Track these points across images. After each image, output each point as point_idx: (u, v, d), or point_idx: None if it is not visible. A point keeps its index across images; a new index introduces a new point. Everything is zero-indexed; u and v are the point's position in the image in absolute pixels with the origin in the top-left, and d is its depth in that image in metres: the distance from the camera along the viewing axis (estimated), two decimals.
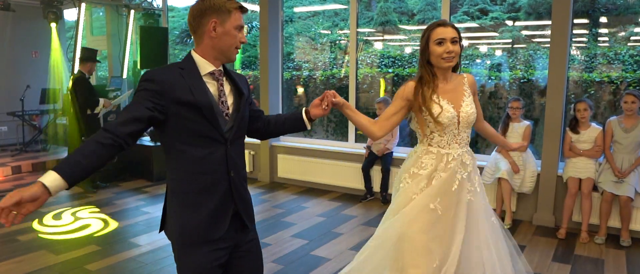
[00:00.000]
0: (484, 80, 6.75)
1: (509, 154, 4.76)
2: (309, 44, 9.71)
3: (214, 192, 1.76)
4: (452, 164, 2.23)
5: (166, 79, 1.69)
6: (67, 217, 5.05)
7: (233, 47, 1.80)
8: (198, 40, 1.79)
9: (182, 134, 1.72)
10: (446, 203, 2.22)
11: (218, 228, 1.78)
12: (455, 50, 2.18)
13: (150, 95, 1.66)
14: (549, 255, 3.99)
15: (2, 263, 3.84)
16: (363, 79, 7.45)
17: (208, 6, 1.73)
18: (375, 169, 5.65)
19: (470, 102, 2.28)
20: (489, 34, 8.07)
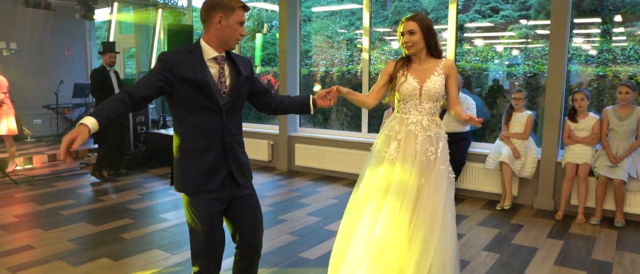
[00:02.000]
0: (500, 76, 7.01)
1: (510, 141, 5.07)
2: (327, 42, 10.07)
3: (209, 153, 2.20)
4: (411, 127, 2.67)
5: (175, 60, 2.12)
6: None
7: (234, 38, 2.21)
8: (206, 29, 2.21)
9: (184, 104, 2.16)
10: (403, 153, 2.65)
11: (212, 182, 2.21)
12: (411, 40, 2.63)
13: (162, 70, 2.10)
14: (544, 232, 4.30)
15: (49, 231, 4.31)
16: (377, 75, 7.78)
17: (216, 3, 2.15)
18: None
19: (437, 80, 2.68)
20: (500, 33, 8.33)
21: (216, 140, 2.20)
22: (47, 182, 6.21)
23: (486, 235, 4.22)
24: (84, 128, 1.89)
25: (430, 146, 2.65)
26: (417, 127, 2.66)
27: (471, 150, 5.47)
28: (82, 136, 1.87)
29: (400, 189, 2.59)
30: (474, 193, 5.47)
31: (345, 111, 8.15)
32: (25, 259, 3.66)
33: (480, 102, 6.02)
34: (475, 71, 6.92)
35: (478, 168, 5.37)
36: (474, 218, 4.71)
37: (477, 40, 8.20)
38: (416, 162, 2.61)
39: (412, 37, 2.62)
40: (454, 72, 2.71)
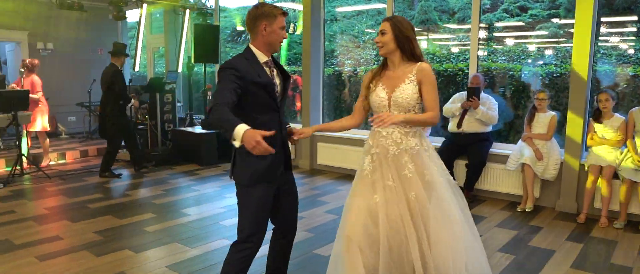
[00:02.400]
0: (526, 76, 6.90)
1: (533, 142, 4.99)
2: (352, 41, 10.10)
3: (273, 146, 2.33)
4: (382, 141, 2.51)
5: (243, 67, 2.37)
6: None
7: (278, 42, 2.48)
8: (253, 37, 2.47)
9: (251, 105, 2.39)
10: (380, 169, 2.52)
11: (276, 171, 2.50)
12: (382, 41, 2.53)
13: (235, 78, 2.32)
14: (564, 235, 4.22)
15: (77, 223, 4.50)
16: None
17: (260, 13, 2.43)
18: None
19: (408, 88, 2.48)
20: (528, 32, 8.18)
21: (277, 135, 2.39)
22: (78, 177, 6.46)
23: (503, 236, 4.18)
24: (249, 131, 2.09)
25: (408, 163, 2.47)
26: (388, 141, 2.50)
27: (492, 150, 5.41)
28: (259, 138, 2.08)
29: (388, 205, 2.47)
30: (495, 194, 5.41)
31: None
32: (52, 249, 3.84)
33: (502, 102, 5.94)
34: (501, 70, 6.83)
35: (499, 169, 5.31)
36: (493, 219, 4.66)
37: (504, 39, 8.08)
38: (397, 177, 2.48)
39: (383, 37, 2.52)
40: (428, 77, 2.48)
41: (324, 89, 7.43)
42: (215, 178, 6.41)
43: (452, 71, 7.21)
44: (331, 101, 8.10)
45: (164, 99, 7.72)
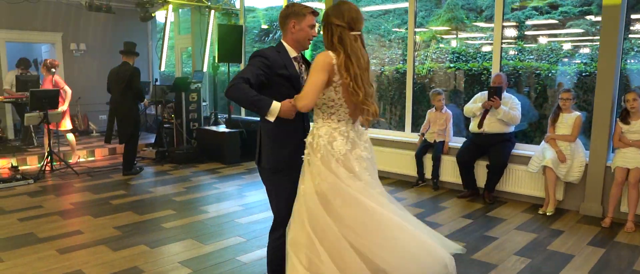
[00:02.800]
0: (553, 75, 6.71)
1: (556, 144, 4.84)
2: (378, 41, 10.04)
3: (295, 136, 2.58)
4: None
5: (273, 58, 2.50)
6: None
7: (306, 40, 2.59)
8: (284, 33, 2.61)
9: (277, 96, 2.42)
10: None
11: (298, 159, 2.55)
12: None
13: (262, 65, 2.46)
14: (585, 240, 4.08)
15: (99, 218, 4.64)
16: (432, 74, 7.65)
17: (290, 12, 2.57)
18: (428, 157, 5.91)
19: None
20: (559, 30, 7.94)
21: (298, 125, 2.57)
22: (104, 173, 6.65)
23: (521, 239, 4.07)
24: (283, 103, 2.36)
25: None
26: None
27: (515, 151, 5.28)
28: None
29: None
30: (516, 196, 5.28)
31: (393, 110, 8.10)
32: (72, 242, 3.97)
33: (526, 102, 5.79)
34: (527, 69, 6.66)
35: (521, 170, 5.17)
36: (512, 222, 4.55)
37: (533, 38, 7.87)
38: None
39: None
40: (312, 65, 2.41)
41: None
42: (237, 177, 6.49)
43: (477, 70, 7.08)
44: None
45: (189, 98, 7.85)
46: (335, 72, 2.38)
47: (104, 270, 3.44)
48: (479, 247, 3.89)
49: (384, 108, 8.09)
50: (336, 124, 2.47)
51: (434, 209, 4.97)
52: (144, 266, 3.50)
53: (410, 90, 6.54)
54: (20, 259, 3.64)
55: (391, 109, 8.17)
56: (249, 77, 2.38)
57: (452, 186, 5.76)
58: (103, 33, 9.85)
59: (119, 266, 3.51)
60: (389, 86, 8.17)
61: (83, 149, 7.83)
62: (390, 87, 8.22)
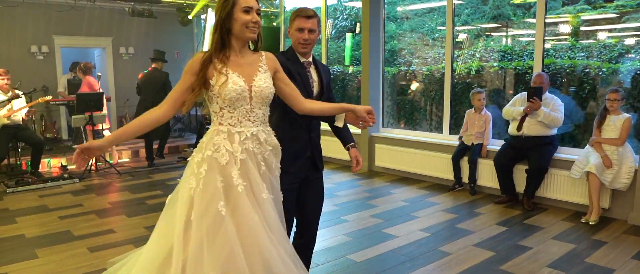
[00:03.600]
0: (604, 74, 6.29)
1: (601, 148, 4.53)
2: (421, 40, 9.81)
3: (297, 142, 2.56)
4: (247, 144, 2.08)
5: (282, 63, 2.36)
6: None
7: (297, 44, 2.54)
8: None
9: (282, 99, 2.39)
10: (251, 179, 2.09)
11: (295, 165, 2.52)
12: (259, 22, 2.13)
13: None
14: (630, 253, 3.77)
15: (133, 218, 4.78)
16: (475, 74, 7.40)
17: (288, 18, 2.56)
18: (465, 160, 5.69)
19: (266, 78, 2.15)
20: (614, 25, 7.44)
21: (303, 133, 2.57)
22: (145, 173, 6.87)
23: (557, 250, 3.82)
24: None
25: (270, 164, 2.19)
26: (254, 143, 2.10)
27: (557, 155, 4.99)
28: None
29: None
30: (558, 203, 4.98)
31: (434, 110, 7.89)
32: (104, 241, 4.10)
33: (570, 102, 5.46)
34: (575, 68, 6.27)
35: (564, 176, 4.87)
36: (550, 231, 4.29)
37: (585, 34, 7.41)
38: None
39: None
40: (276, 66, 2.23)
41: (383, 90, 7.28)
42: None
43: (521, 69, 6.76)
44: (394, 100, 7.92)
45: None
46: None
47: None
48: (510, 257, 3.68)
49: (424, 108, 7.90)
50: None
51: (467, 215, 4.77)
52: None
53: (449, 90, 6.34)
54: (53, 256, 3.79)
55: (432, 110, 7.96)
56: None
57: (491, 191, 5.51)
58: (149, 37, 10.19)
59: None
60: (430, 85, 7.97)
61: (127, 150, 8.12)
62: (432, 87, 8.02)
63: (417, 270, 3.49)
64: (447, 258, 3.70)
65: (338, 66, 8.90)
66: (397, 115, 8.06)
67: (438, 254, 3.78)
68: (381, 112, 7.25)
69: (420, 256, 3.72)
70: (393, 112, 7.97)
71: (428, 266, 3.56)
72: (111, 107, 10.14)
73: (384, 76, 7.34)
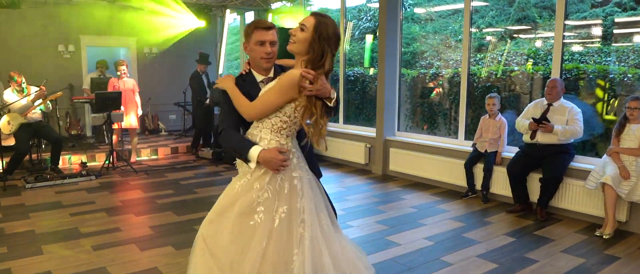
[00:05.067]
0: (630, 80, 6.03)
1: (619, 158, 4.33)
2: (444, 42, 9.64)
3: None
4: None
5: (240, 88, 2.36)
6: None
7: (259, 59, 2.36)
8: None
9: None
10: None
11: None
12: (298, 36, 2.21)
13: (230, 103, 2.39)
14: None
15: (139, 217, 4.86)
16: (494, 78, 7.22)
17: (244, 32, 2.40)
18: (479, 167, 5.54)
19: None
20: None
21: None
22: (160, 172, 6.96)
23: (564, 264, 3.66)
24: (263, 151, 2.27)
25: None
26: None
27: (573, 165, 4.80)
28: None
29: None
30: (573, 214, 4.79)
31: (453, 114, 7.72)
32: (108, 239, 4.16)
33: (589, 110, 5.25)
34: (599, 73, 6.03)
35: (580, 186, 4.68)
36: (561, 243, 4.12)
37: (613, 37, 7.12)
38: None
39: (301, 33, 2.25)
40: (279, 79, 2.30)
41: (400, 93, 7.17)
42: None
43: (544, 74, 6.55)
44: (411, 104, 7.80)
45: None
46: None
47: (125, 269, 3.55)
48: (513, 270, 3.55)
49: (444, 112, 7.76)
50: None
51: (476, 224, 4.64)
52: (164, 268, 3.58)
53: (465, 93, 6.20)
54: (58, 252, 3.87)
55: (451, 113, 7.81)
56: (231, 124, 2.36)
57: (504, 200, 5.36)
58: (173, 37, 10.34)
59: (141, 266, 3.62)
60: (452, 88, 7.84)
61: (147, 148, 8.26)
62: (452, 91, 7.88)
63: None
64: (447, 268, 3.60)
65: (358, 68, 8.82)
66: (417, 119, 7.93)
67: (438, 264, 3.68)
68: (397, 116, 7.15)
69: (419, 266, 3.63)
70: (412, 115, 7.84)
71: None
72: None
73: (401, 78, 7.22)
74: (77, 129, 9.28)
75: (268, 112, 2.27)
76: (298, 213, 2.26)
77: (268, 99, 2.25)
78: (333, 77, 9.09)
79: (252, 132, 2.36)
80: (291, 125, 2.32)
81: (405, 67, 7.98)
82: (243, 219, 2.22)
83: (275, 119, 2.29)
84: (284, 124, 2.31)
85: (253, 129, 2.36)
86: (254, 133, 2.34)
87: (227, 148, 2.37)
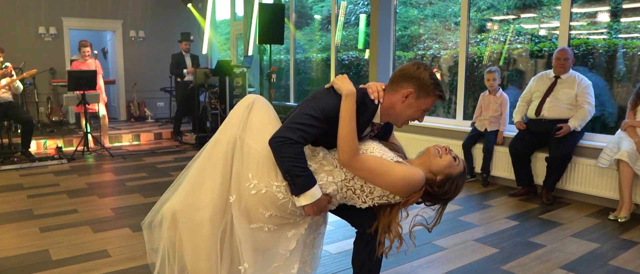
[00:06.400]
0: None
1: (636, 133, 3.84)
2: (443, 24, 9.20)
3: None
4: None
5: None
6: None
7: (403, 118, 2.01)
8: (391, 93, 2.02)
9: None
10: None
11: None
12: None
13: (322, 123, 2.01)
14: None
15: (104, 198, 4.41)
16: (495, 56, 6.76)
17: (415, 78, 1.93)
18: (478, 148, 5.07)
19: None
20: None
21: None
22: (138, 157, 6.51)
23: (575, 249, 3.19)
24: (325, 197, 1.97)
25: None
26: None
27: (583, 142, 4.32)
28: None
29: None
30: (583, 197, 4.31)
31: (453, 98, 7.27)
32: (60, 221, 3.71)
33: (600, 82, 4.77)
34: (609, 47, 5.54)
35: (590, 165, 4.20)
36: (570, 227, 3.64)
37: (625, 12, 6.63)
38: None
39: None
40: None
41: None
42: None
43: (548, 50, 6.07)
44: None
45: (233, 83, 7.54)
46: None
47: (69, 252, 3.11)
48: (516, 255, 3.08)
49: None
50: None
51: (474, 207, 4.17)
52: (114, 250, 3.13)
53: (463, 72, 5.73)
54: (1, 235, 3.43)
55: (450, 96, 7.36)
56: (303, 137, 1.84)
57: (506, 183, 4.89)
58: (160, 20, 9.91)
59: (88, 248, 3.17)
60: (452, 69, 7.42)
61: (129, 133, 7.82)
62: (450, 73, 7.43)
63: (402, 265, 2.96)
64: (440, 253, 3.14)
65: (353, 52, 8.36)
66: None
67: (430, 248, 3.21)
68: None
69: (408, 250, 3.16)
70: None
71: (416, 261, 3.01)
72: (120, 92, 9.90)
73: (395, 60, 6.75)
74: (58, 116, 8.85)
75: (369, 178, 1.90)
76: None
77: (383, 169, 1.89)
78: (326, 63, 8.65)
79: (312, 162, 1.97)
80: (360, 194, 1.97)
81: (403, 50, 7.53)
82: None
83: (357, 180, 1.93)
84: (355, 186, 1.95)
85: (315, 158, 1.98)
86: (312, 165, 1.94)
87: (283, 163, 1.83)
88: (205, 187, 1.95)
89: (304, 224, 2.03)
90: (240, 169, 1.91)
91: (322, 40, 10.19)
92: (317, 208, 1.90)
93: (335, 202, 2.01)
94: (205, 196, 1.93)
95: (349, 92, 1.88)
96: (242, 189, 1.90)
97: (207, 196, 1.93)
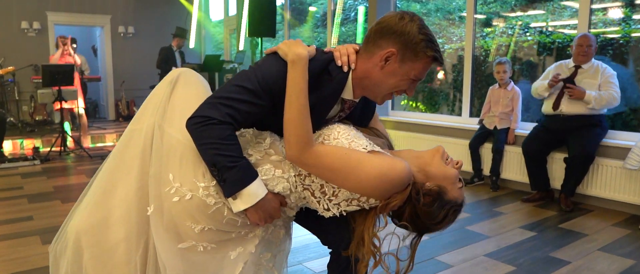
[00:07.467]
0: None
1: None
2: (447, 18, 8.80)
3: None
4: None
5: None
6: None
7: (386, 90, 1.48)
8: (364, 57, 1.56)
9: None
10: None
11: None
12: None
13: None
14: None
15: (68, 204, 3.93)
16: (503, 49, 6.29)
17: (399, 33, 1.38)
18: (487, 147, 4.57)
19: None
20: None
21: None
22: None
23: (607, 267, 2.69)
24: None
25: None
26: None
27: (606, 141, 3.82)
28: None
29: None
30: (607, 203, 3.81)
31: (457, 95, 6.82)
32: (10, 230, 3.25)
33: (625, 73, 4.27)
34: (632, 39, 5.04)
35: (616, 167, 3.70)
36: (597, 239, 3.14)
37: None
38: None
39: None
40: None
41: None
42: None
43: (561, 42, 5.58)
44: None
45: (223, 79, 7.10)
46: None
47: (10, 267, 2.63)
48: None
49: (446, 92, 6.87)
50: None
51: (484, 215, 3.68)
52: None
53: (470, 66, 5.24)
54: None
55: (454, 93, 6.93)
56: (231, 116, 1.34)
57: (518, 187, 4.39)
58: (150, 16, 9.47)
59: (33, 263, 2.70)
60: (457, 65, 7.01)
61: (113, 133, 7.37)
62: (455, 68, 7.01)
63: None
64: (444, 271, 2.65)
65: None
66: (413, 99, 7.05)
67: (433, 266, 2.72)
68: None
69: (408, 271, 2.67)
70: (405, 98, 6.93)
71: None
72: (108, 90, 9.47)
73: None
74: (42, 115, 8.42)
75: (329, 178, 1.38)
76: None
77: (349, 164, 1.35)
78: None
79: (255, 152, 1.45)
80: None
81: None
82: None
83: (314, 178, 1.42)
84: (313, 186, 1.43)
85: (259, 146, 1.47)
86: (253, 154, 1.44)
87: (206, 152, 1.34)
88: (117, 197, 1.46)
89: (253, 239, 1.49)
90: (158, 169, 1.42)
91: (320, 37, 9.75)
92: (264, 213, 1.39)
93: (292, 206, 1.49)
94: (117, 209, 1.45)
95: (296, 57, 1.34)
96: (162, 197, 1.41)
97: (120, 208, 1.45)
